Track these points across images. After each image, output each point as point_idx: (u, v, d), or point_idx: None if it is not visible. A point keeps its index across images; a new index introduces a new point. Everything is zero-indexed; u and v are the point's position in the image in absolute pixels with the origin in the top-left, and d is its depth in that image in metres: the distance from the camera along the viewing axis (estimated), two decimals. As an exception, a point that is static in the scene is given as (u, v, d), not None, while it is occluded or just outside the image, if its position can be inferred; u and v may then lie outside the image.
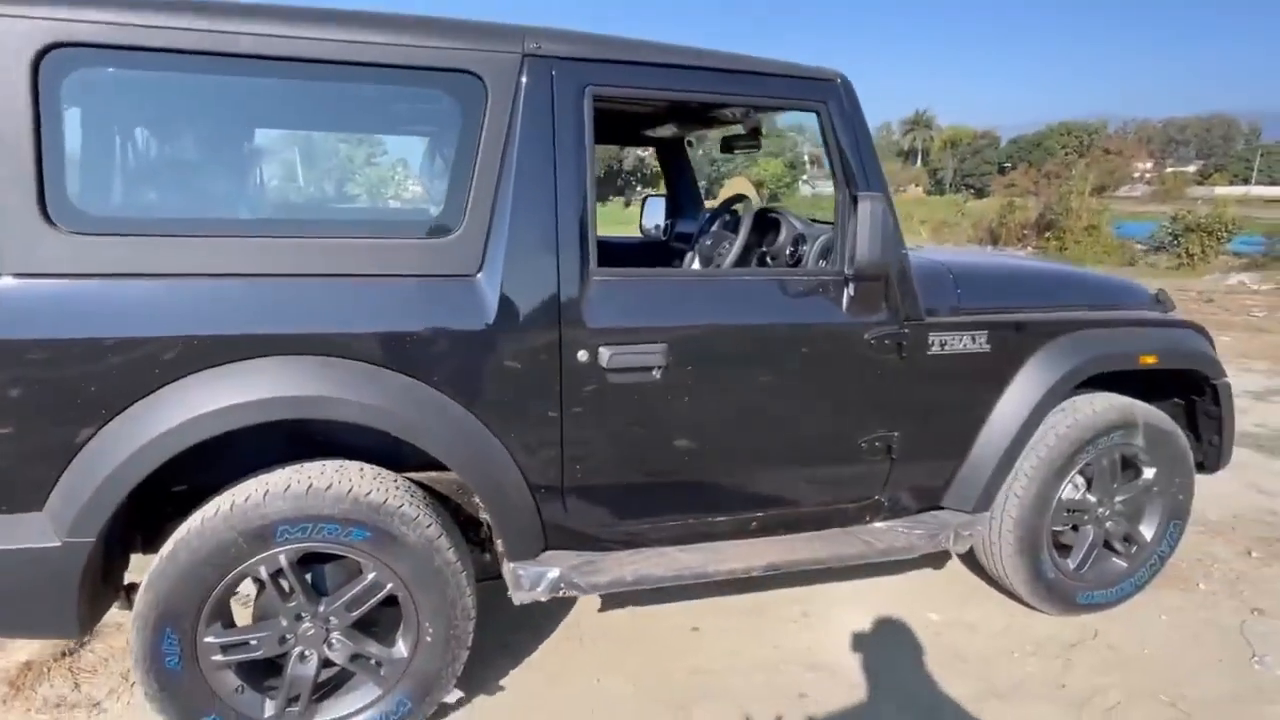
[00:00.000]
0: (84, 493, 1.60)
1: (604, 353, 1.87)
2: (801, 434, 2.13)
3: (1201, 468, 2.72)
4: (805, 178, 76.61)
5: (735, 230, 2.52)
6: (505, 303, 1.79)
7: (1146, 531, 2.59)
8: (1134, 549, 2.58)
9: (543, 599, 1.96)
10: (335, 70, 1.73)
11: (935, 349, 2.18)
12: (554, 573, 1.95)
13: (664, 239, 3.24)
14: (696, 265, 2.77)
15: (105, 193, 1.74)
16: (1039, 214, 24.69)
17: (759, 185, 59.41)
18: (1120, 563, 2.59)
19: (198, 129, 1.95)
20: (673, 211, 3.28)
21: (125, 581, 1.91)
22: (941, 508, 2.38)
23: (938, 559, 2.88)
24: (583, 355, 1.86)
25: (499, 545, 1.98)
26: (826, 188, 72.89)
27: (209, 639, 1.74)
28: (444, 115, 1.87)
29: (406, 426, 1.75)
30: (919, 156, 78.58)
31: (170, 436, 1.61)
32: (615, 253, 2.63)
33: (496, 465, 1.87)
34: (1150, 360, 2.40)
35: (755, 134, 2.67)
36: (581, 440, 1.92)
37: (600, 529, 2.04)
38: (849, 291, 2.05)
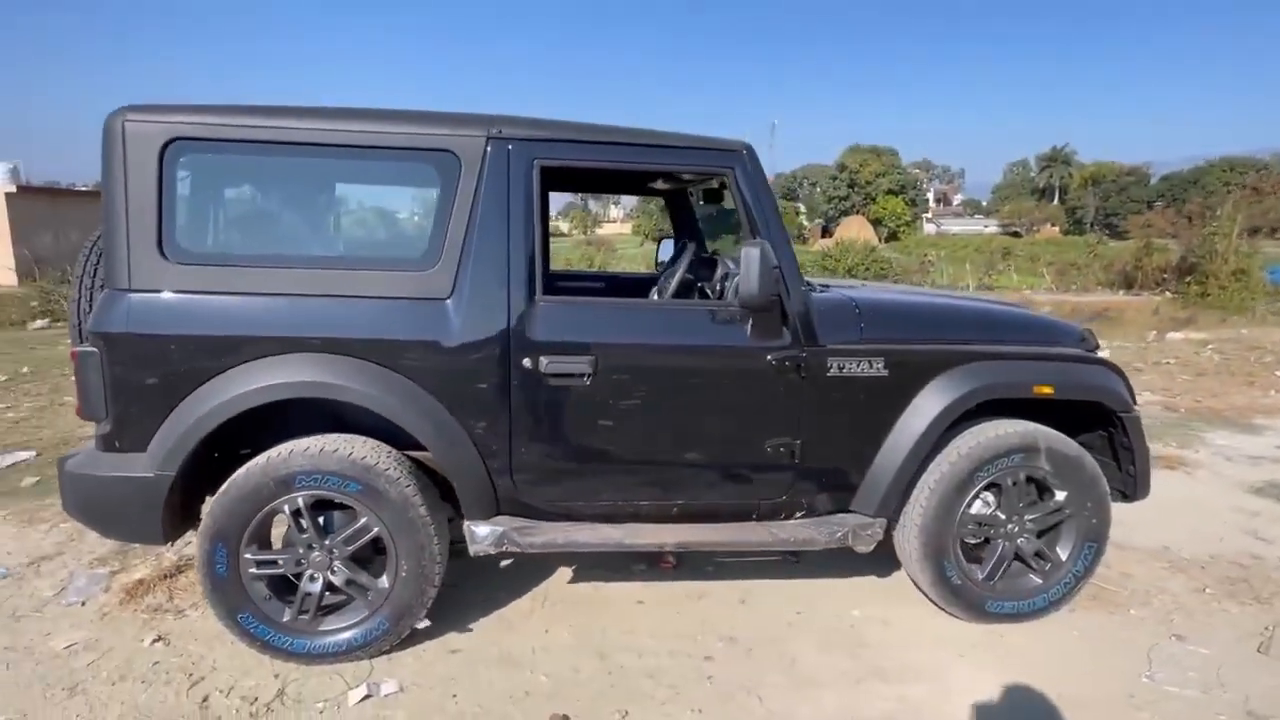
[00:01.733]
0: (171, 440, 2.32)
1: (543, 360, 2.42)
2: (711, 435, 2.57)
3: (1125, 496, 2.90)
4: (929, 215, 74.46)
5: (678, 267, 3.02)
6: (468, 320, 2.39)
7: (1061, 551, 2.80)
8: (1048, 566, 2.80)
9: (491, 552, 2.52)
10: (360, 149, 2.42)
11: (834, 371, 2.58)
12: (499, 531, 2.50)
13: (656, 273, 3.76)
14: (655, 296, 3.28)
15: (198, 236, 2.49)
16: (1180, 257, 23.02)
17: (877, 222, 58.56)
18: (1035, 578, 2.82)
19: (258, 192, 2.70)
20: (680, 251, 3.81)
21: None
22: (851, 511, 2.73)
23: (884, 567, 3.17)
24: (527, 362, 2.42)
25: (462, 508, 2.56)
26: (955, 226, 69.74)
27: (247, 555, 2.41)
28: (430, 180, 2.50)
29: (388, 408, 2.37)
30: (1056, 194, 74.20)
31: (229, 404, 2.31)
32: (595, 285, 3.19)
33: (457, 444, 2.45)
34: (1046, 390, 2.66)
35: (723, 188, 3.13)
36: (525, 429, 2.48)
37: (541, 502, 2.58)
38: (751, 320, 2.50)
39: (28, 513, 3.77)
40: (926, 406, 2.62)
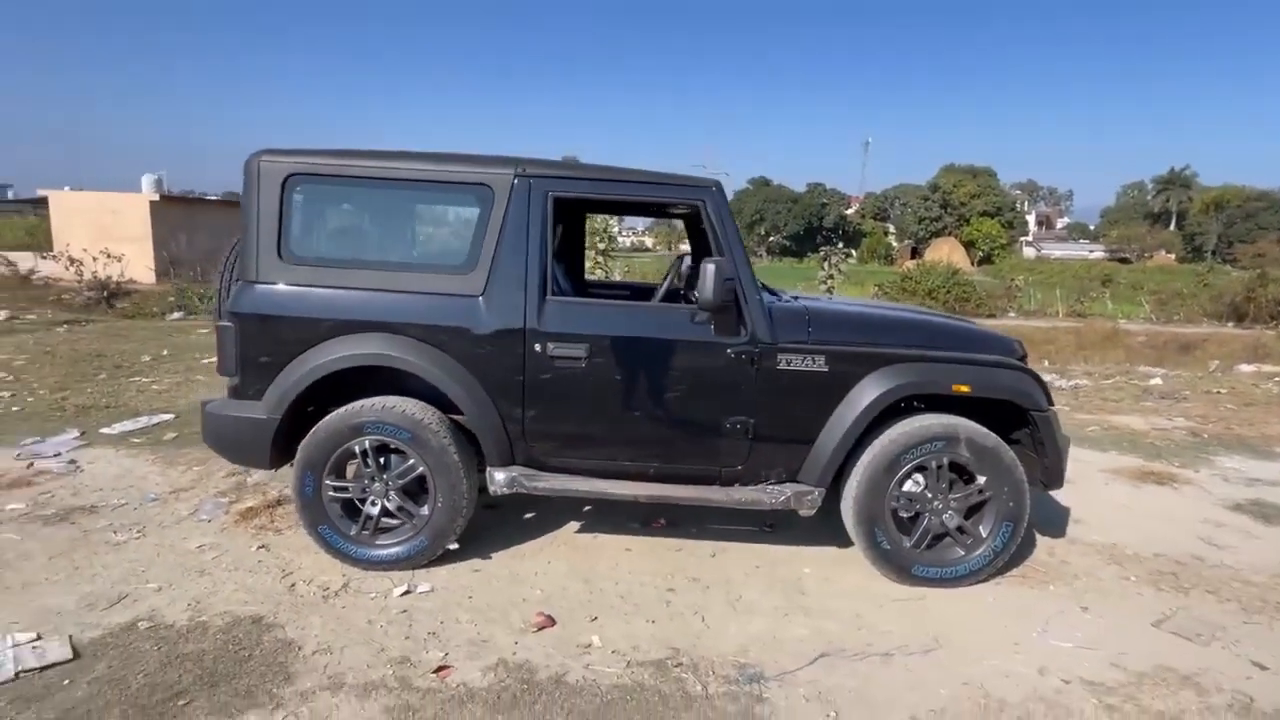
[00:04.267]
0: (279, 392, 3.18)
1: (550, 346, 3.15)
2: (681, 412, 3.22)
3: (1045, 485, 3.36)
4: (1029, 239, 71.44)
5: (668, 277, 3.71)
6: (494, 312, 3.15)
7: (981, 528, 3.29)
8: (969, 540, 3.29)
9: (505, 492, 3.26)
10: (421, 182, 3.23)
11: (783, 365, 3.18)
12: (512, 475, 3.24)
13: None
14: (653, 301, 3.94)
15: (305, 243, 3.34)
16: (1298, 288, 21.64)
17: (970, 245, 56.84)
18: (958, 550, 3.31)
19: (350, 211, 3.56)
20: (675, 264, 4.48)
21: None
22: (797, 481, 3.31)
23: (845, 540, 3.69)
24: (537, 347, 3.16)
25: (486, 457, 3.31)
26: (1057, 250, 66.48)
27: (327, 482, 3.24)
28: (472, 205, 3.27)
29: (434, 377, 3.15)
30: (1173, 219, 69.73)
31: (321, 367, 3.14)
32: (621, 292, 3.92)
33: (483, 407, 3.20)
34: (964, 389, 3.17)
35: (698, 215, 3.78)
36: (535, 399, 3.20)
37: (546, 456, 3.30)
38: (714, 320, 3.15)
39: (170, 457, 4.80)
40: (860, 397, 3.19)
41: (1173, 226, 68.56)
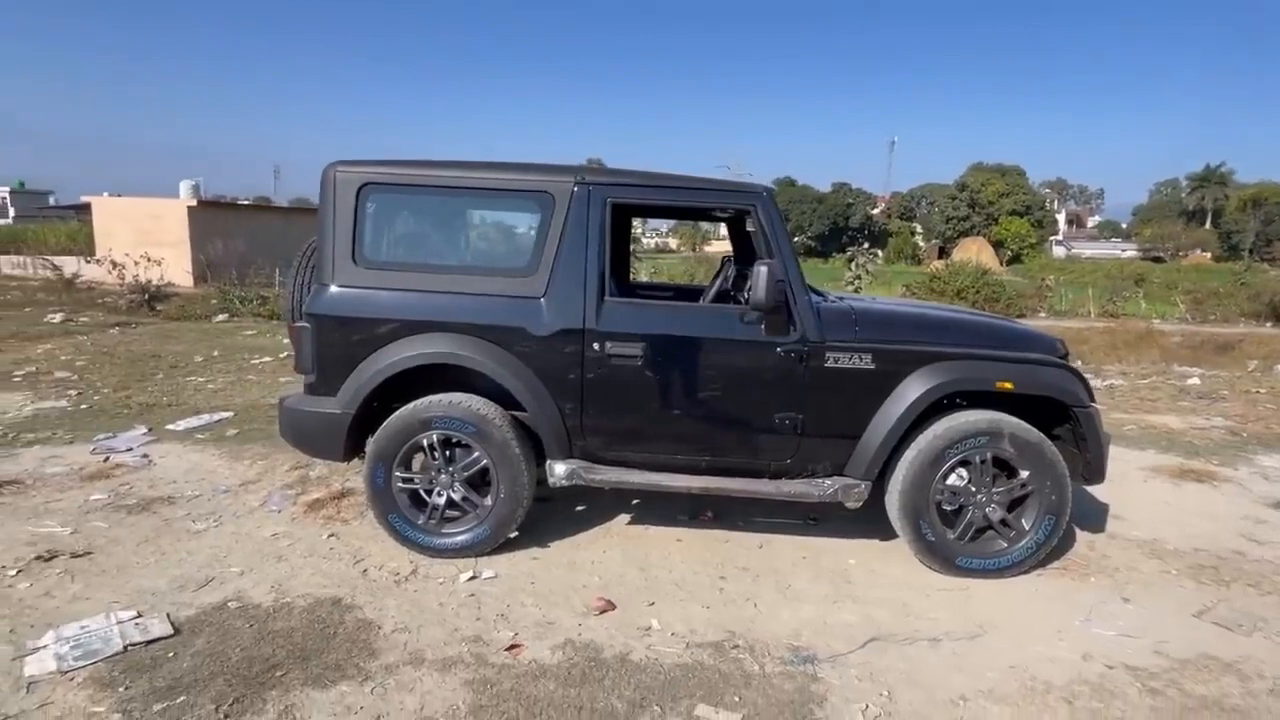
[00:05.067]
0: (351, 390, 3.38)
1: (607, 345, 3.31)
2: (732, 408, 3.37)
3: (1086, 480, 3.45)
4: (1059, 238, 70.37)
5: (718, 279, 3.85)
6: (554, 313, 3.32)
7: (1024, 521, 3.39)
8: (1012, 533, 3.40)
9: (564, 484, 3.43)
10: (486, 190, 3.42)
11: (831, 363, 3.32)
12: (571, 468, 3.41)
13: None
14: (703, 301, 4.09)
15: (377, 248, 3.53)
16: (1339, 288, 21.20)
17: (998, 244, 56.17)
18: (1001, 542, 3.42)
19: (419, 218, 3.76)
20: (722, 267, 4.63)
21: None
22: (843, 475, 3.44)
23: (889, 533, 3.79)
24: (595, 346, 3.32)
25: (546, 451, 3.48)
26: (1088, 249, 65.37)
27: (397, 474, 3.43)
28: (533, 211, 3.45)
29: (498, 375, 3.32)
30: (1208, 217, 68.31)
31: (393, 365, 3.33)
32: (665, 293, 4.07)
33: (544, 403, 3.38)
34: (1007, 386, 3.28)
35: (743, 217, 3.91)
36: (592, 396, 3.37)
37: (602, 450, 3.46)
38: (765, 320, 3.29)
39: (235, 453, 5.05)
40: (905, 394, 3.31)
41: (1208, 225, 67.18)
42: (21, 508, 3.96)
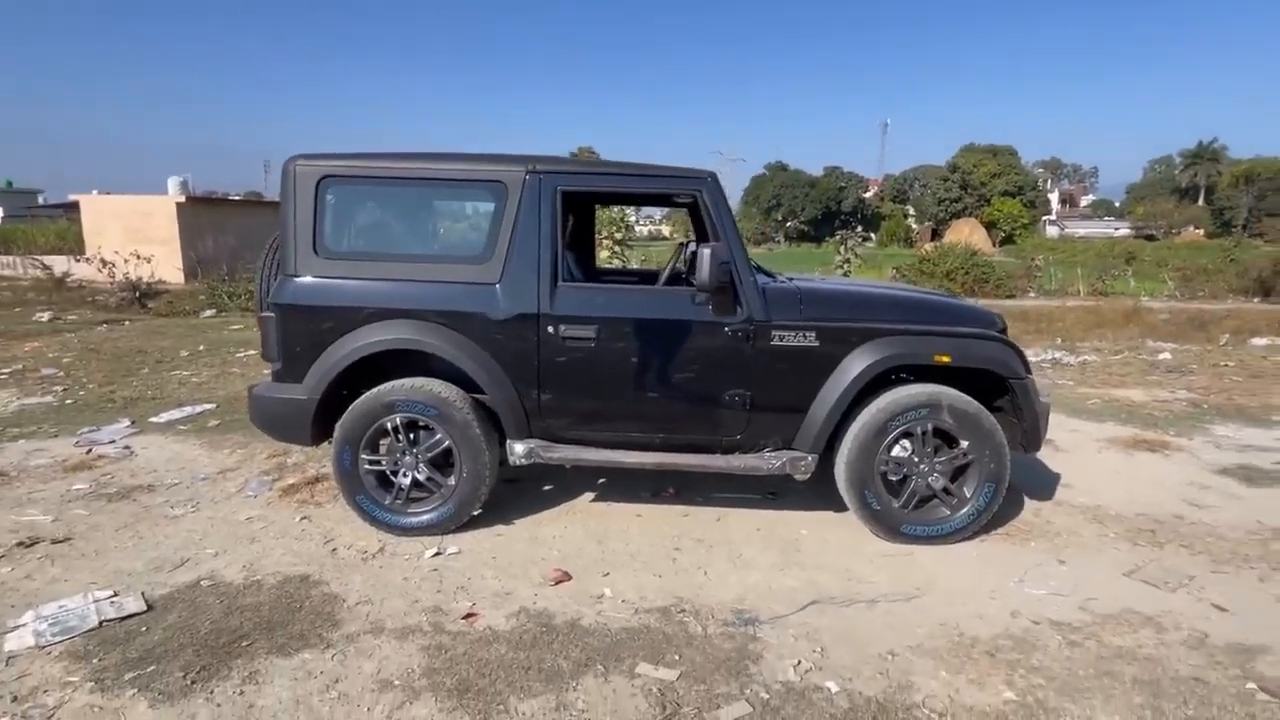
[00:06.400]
0: (315, 377, 3.51)
1: (561, 328, 3.44)
2: (684, 386, 3.50)
3: (1025, 449, 3.60)
4: (1052, 217, 70.43)
5: (670, 262, 3.97)
6: (509, 298, 3.45)
7: (965, 489, 3.54)
8: (954, 500, 3.55)
9: (523, 462, 3.57)
10: (441, 180, 3.54)
11: (777, 341, 3.45)
12: (529, 447, 3.54)
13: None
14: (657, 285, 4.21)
15: (338, 239, 3.64)
16: (1329, 263, 21.39)
17: (991, 225, 56.26)
18: (944, 510, 3.57)
19: (378, 209, 3.87)
20: (678, 251, 4.74)
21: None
22: (792, 448, 3.58)
23: (842, 506, 3.94)
24: (550, 329, 3.45)
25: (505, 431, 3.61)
26: (1081, 228, 65.44)
27: (363, 456, 3.57)
28: (488, 200, 3.56)
29: (457, 359, 3.45)
30: (1201, 194, 68.35)
31: (355, 351, 3.46)
32: (629, 279, 4.19)
33: (503, 385, 3.51)
34: (945, 359, 3.42)
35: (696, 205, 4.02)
36: (549, 378, 3.50)
37: (561, 430, 3.60)
38: (712, 301, 3.42)
39: (215, 442, 5.18)
40: (849, 369, 3.44)
41: (1201, 201, 67.23)
42: (5, 498, 4.10)
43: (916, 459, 3.52)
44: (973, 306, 3.82)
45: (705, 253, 3.24)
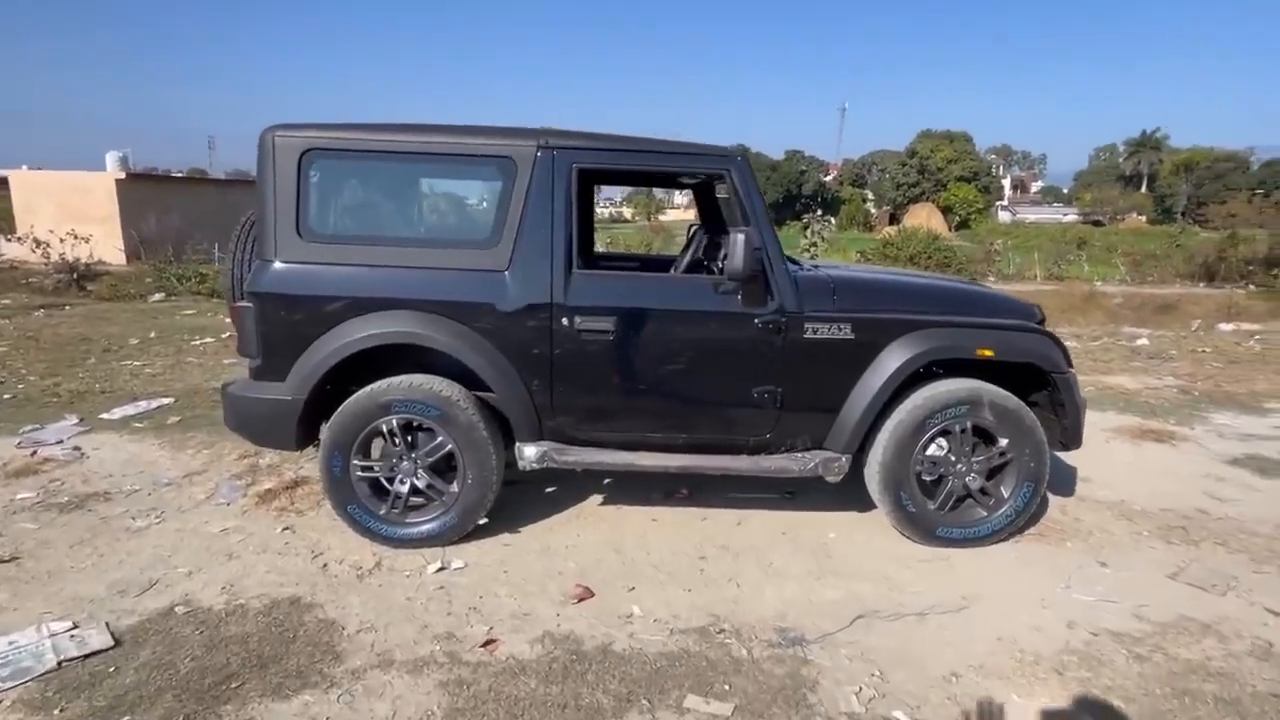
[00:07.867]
0: (301, 374, 3.13)
1: (577, 319, 3.13)
2: (708, 382, 3.23)
3: (1064, 446, 3.43)
4: (1004, 203, 71.89)
5: (689, 249, 3.69)
6: (520, 287, 3.12)
7: (1003, 489, 3.36)
8: (991, 501, 3.37)
9: (535, 467, 3.26)
10: (442, 155, 3.17)
11: (810, 334, 3.20)
12: (541, 450, 3.24)
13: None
14: (674, 272, 3.93)
15: (324, 220, 3.27)
16: (1269, 248, 22.22)
17: (947, 210, 57.11)
18: (980, 511, 3.39)
19: (370, 187, 3.49)
20: (693, 236, 4.46)
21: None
22: (823, 448, 3.35)
23: (866, 504, 3.72)
24: (564, 320, 3.14)
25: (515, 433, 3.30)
26: (1031, 214, 67.08)
27: (355, 462, 3.21)
28: (494, 179, 3.22)
29: (460, 354, 3.12)
30: (1144, 181, 70.57)
31: (346, 346, 3.10)
32: (631, 264, 3.88)
33: (512, 383, 3.19)
34: (987, 352, 3.22)
35: (711, 185, 3.76)
36: (562, 374, 3.19)
37: (574, 430, 3.30)
38: (741, 290, 3.15)
39: (176, 441, 4.73)
40: (885, 364, 3.22)
41: (1144, 189, 69.42)
42: (-63, 511, 3.63)
43: (954, 458, 3.32)
44: (1010, 297, 3.64)
45: (739, 239, 2.97)
